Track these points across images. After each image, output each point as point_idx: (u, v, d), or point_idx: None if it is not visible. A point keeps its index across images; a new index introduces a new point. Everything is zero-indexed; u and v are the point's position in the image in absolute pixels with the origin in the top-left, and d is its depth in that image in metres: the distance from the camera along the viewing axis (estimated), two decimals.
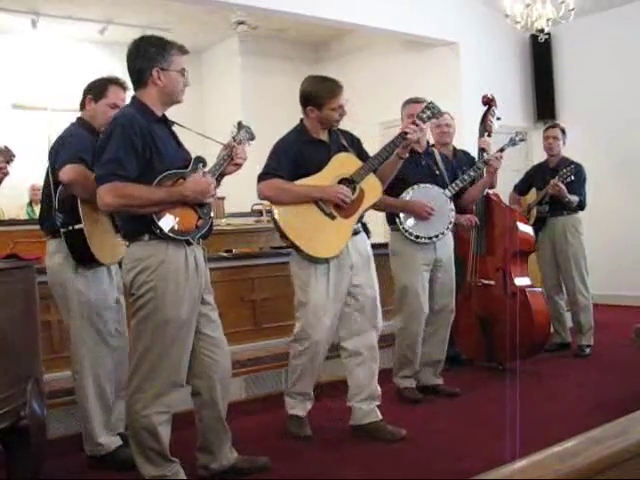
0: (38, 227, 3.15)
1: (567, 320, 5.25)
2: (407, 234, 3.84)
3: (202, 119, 8.89)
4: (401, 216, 3.86)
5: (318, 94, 3.30)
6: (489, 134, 4.49)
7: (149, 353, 2.54)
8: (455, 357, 4.64)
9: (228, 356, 2.81)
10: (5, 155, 2.63)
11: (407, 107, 3.94)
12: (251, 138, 2.89)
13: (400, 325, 3.94)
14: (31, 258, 2.76)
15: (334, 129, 3.41)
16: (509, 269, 4.40)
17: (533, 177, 5.34)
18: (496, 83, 6.78)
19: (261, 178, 3.28)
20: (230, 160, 2.75)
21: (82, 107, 3.12)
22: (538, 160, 5.48)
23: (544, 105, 8.25)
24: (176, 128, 2.77)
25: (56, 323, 3.57)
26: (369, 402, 3.35)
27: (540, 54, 8.19)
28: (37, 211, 4.38)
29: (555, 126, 5.31)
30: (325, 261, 3.25)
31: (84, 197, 2.83)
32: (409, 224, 3.84)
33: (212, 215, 2.74)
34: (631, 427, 1.11)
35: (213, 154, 2.82)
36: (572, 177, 4.87)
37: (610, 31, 7.59)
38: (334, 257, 3.25)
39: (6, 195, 7.57)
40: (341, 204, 3.23)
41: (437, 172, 3.97)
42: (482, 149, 4.36)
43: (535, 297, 4.46)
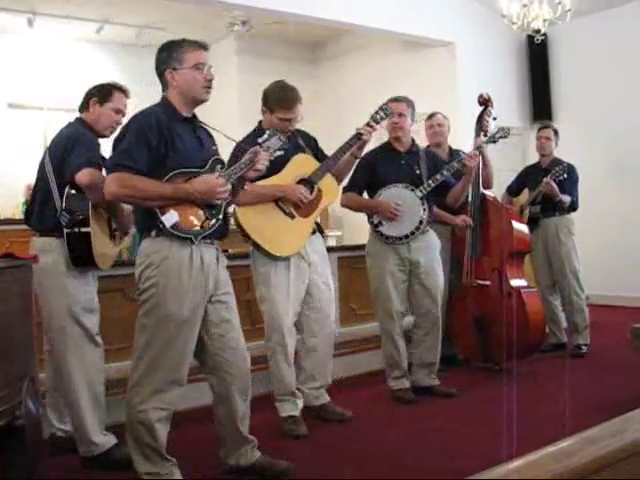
0: None
1: (562, 320, 5.25)
2: (378, 235, 3.89)
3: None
4: (374, 217, 3.89)
5: (273, 100, 3.41)
6: (485, 134, 4.48)
7: (150, 348, 2.55)
8: (451, 357, 4.64)
9: (245, 357, 2.77)
10: None
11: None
12: (281, 148, 2.86)
13: (379, 326, 4.01)
14: (27, 257, 2.76)
15: (291, 130, 3.46)
16: (505, 269, 4.41)
17: (525, 178, 5.35)
18: (492, 83, 6.77)
19: None
20: (252, 165, 2.70)
21: (83, 109, 3.12)
22: (534, 160, 5.49)
23: (540, 105, 8.27)
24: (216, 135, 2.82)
25: None
26: (320, 388, 3.57)
27: (536, 55, 8.21)
28: None
29: (547, 127, 5.36)
30: (286, 258, 3.37)
31: (97, 201, 2.84)
32: (380, 225, 3.87)
33: (226, 216, 2.71)
34: (626, 427, 1.11)
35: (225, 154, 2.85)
36: (565, 175, 4.89)
37: (606, 32, 7.61)
38: (294, 254, 3.39)
39: (2, 194, 7.57)
40: (299, 204, 3.36)
41: (417, 172, 3.93)
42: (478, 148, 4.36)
43: (531, 297, 4.46)
